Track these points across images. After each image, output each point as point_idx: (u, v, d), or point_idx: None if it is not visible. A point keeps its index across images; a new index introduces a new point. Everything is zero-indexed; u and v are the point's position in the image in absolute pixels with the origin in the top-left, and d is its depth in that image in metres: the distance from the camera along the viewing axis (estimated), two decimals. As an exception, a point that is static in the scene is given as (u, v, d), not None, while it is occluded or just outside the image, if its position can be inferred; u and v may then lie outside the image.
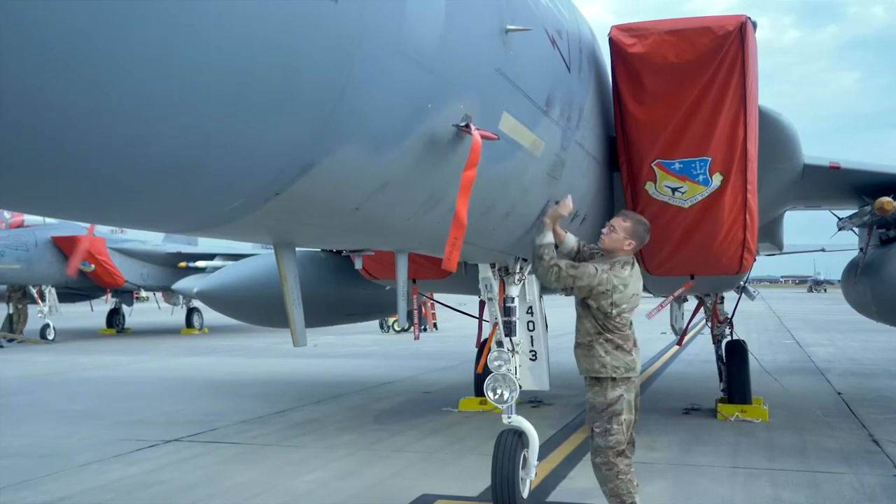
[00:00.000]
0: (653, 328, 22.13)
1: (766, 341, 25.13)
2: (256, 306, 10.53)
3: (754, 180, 7.16)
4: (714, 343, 12.52)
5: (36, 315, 27.15)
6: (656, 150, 6.89)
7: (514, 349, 6.71)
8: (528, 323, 7.11)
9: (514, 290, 6.71)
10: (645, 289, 7.13)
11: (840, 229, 12.25)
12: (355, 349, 23.93)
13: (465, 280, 8.30)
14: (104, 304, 32.77)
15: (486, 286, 6.61)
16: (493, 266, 6.55)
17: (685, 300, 14.67)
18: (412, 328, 32.78)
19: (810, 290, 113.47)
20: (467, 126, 3.34)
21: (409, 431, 10.55)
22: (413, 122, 3.07)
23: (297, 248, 3.77)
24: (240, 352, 23.21)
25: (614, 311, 5.65)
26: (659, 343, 22.11)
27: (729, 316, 12.36)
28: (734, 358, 11.76)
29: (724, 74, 6.45)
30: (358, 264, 6.43)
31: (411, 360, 20.44)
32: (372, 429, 10.80)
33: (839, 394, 13.74)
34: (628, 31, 6.59)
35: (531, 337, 7.12)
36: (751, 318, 33.69)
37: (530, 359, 7.14)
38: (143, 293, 31.58)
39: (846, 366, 18.44)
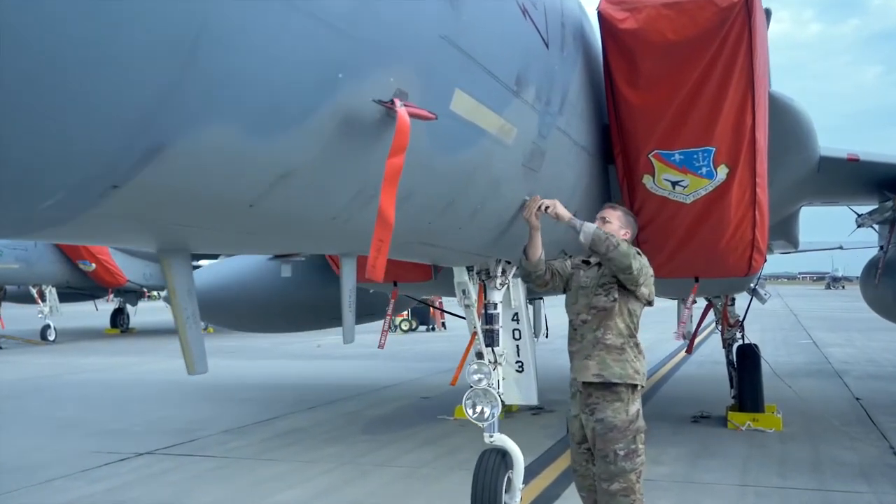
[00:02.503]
0: (664, 328, 21.46)
1: (781, 341, 24.42)
2: (231, 310, 9.94)
3: (764, 173, 6.48)
4: (724, 347, 11.82)
5: (36, 315, 26.71)
6: (654, 139, 6.19)
7: (496, 360, 6.07)
8: (513, 331, 6.47)
9: (496, 296, 6.06)
10: None
11: (859, 226, 11.54)
12: (360, 349, 23.10)
13: (451, 282, 7.67)
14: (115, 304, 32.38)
15: (462, 291, 5.98)
16: (469, 269, 5.91)
17: (694, 301, 13.96)
18: (427, 328, 32.04)
19: (828, 286, 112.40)
20: (392, 102, 2.70)
21: (399, 443, 9.95)
22: (317, 97, 2.42)
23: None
24: (242, 353, 22.64)
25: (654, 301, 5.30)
26: (669, 345, 21.37)
27: (740, 319, 11.67)
28: (745, 363, 11.08)
29: (728, 53, 5.75)
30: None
31: (416, 361, 19.88)
32: (361, 439, 10.22)
33: (857, 399, 13.03)
34: (619, 4, 5.88)
35: (517, 346, 6.48)
36: (766, 316, 32.85)
37: (516, 370, 6.50)
38: (155, 292, 31.06)
39: (865, 368, 17.71)
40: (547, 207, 5.15)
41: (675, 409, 11.99)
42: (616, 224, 5.36)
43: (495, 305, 6.09)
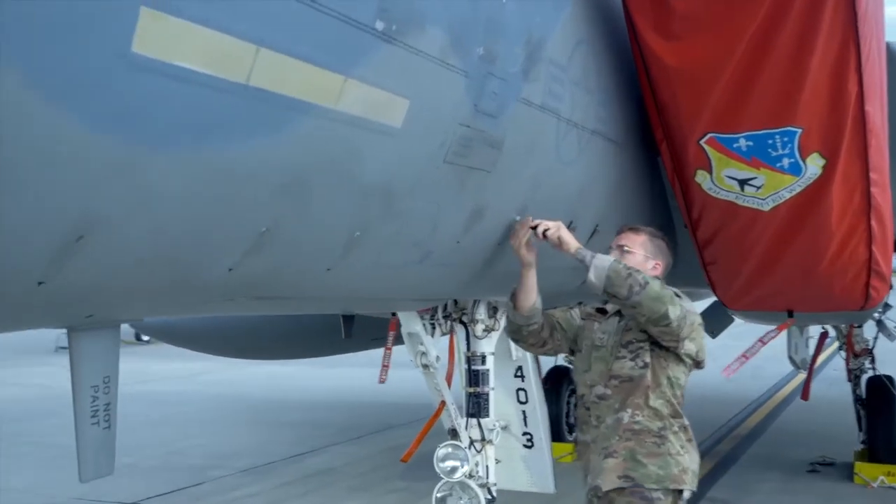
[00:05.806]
0: (773, 343, 18.74)
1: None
2: (214, 334, 8.33)
3: (883, 165, 4.38)
4: (850, 380, 9.51)
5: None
6: (705, 118, 4.16)
7: (483, 438, 4.28)
8: (517, 392, 4.65)
9: (483, 346, 4.26)
10: None
11: None
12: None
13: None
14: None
15: (415, 347, 4.19)
16: (428, 316, 4.09)
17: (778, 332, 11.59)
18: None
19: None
20: None
21: (435, 495, 8.23)
22: None
23: None
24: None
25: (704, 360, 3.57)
26: (782, 366, 18.49)
27: (869, 345, 9.33)
28: (878, 401, 8.82)
29: None
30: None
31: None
32: (393, 488, 8.55)
33: None
34: None
35: (523, 412, 4.66)
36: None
37: (524, 445, 4.69)
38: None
39: None
40: (546, 231, 3.40)
41: (789, 451, 9.83)
42: (640, 253, 3.53)
43: (483, 359, 4.30)
